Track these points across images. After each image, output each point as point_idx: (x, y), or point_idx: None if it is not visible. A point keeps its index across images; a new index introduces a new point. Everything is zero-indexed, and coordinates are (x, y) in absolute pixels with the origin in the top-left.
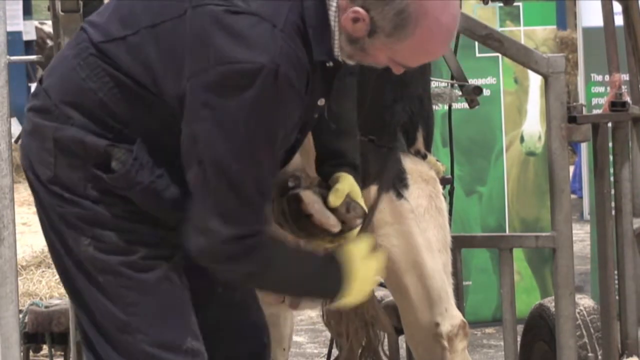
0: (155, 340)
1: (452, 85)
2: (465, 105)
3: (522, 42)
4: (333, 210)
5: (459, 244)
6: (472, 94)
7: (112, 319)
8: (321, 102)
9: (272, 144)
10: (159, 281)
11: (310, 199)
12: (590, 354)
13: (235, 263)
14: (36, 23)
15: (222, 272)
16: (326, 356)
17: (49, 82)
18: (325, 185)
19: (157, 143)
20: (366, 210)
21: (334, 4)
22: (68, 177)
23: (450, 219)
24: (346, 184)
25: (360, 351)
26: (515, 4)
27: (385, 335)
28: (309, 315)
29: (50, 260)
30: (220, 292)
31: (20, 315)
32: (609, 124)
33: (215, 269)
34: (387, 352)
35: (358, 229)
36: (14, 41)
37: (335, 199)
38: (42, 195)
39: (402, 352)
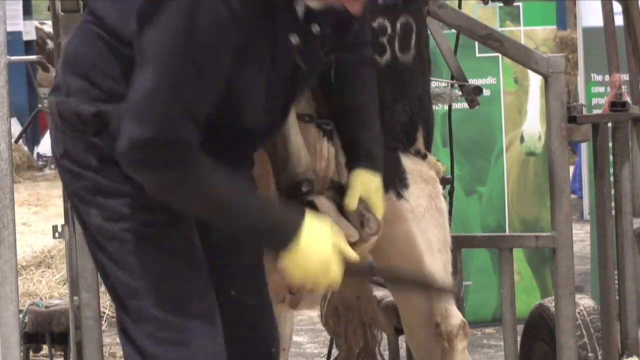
0: (160, 304)
1: (452, 85)
2: (465, 105)
3: (522, 42)
4: (348, 216)
5: (459, 244)
6: (472, 94)
7: (122, 286)
8: (295, 40)
9: (207, 62)
10: (162, 246)
11: (325, 207)
12: (590, 354)
13: (152, 172)
14: (36, 23)
15: (144, 182)
16: (326, 356)
17: (59, 61)
18: (337, 186)
19: None
20: (380, 224)
21: None
22: (74, 150)
23: (450, 219)
24: (358, 184)
25: (357, 352)
26: (515, 4)
27: (385, 336)
28: (309, 315)
29: (50, 260)
30: (233, 295)
31: (20, 315)
32: (609, 124)
33: (134, 176)
34: (386, 353)
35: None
36: (14, 41)
37: (349, 203)
38: (61, 176)
39: (402, 352)
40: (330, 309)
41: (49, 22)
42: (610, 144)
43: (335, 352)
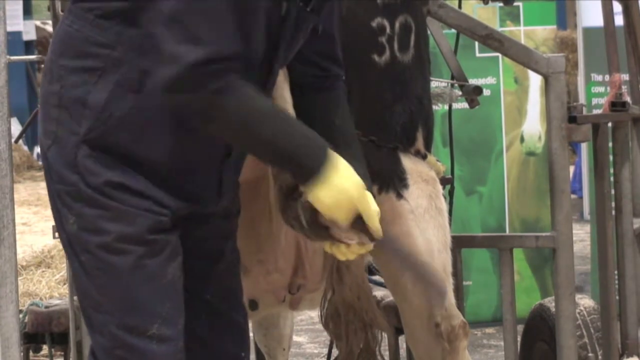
0: (120, 323)
1: (452, 85)
2: (465, 105)
3: (522, 42)
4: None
5: (459, 244)
6: (472, 94)
7: (88, 297)
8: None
9: None
10: (130, 266)
11: None
12: (590, 354)
13: (202, 91)
14: (38, 23)
15: (190, 104)
16: (326, 356)
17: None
18: None
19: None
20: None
21: None
22: (64, 147)
23: (450, 219)
24: None
25: (358, 353)
26: (515, 4)
27: (385, 336)
28: (309, 315)
29: (50, 260)
30: (208, 299)
31: (20, 315)
32: (609, 124)
33: (182, 101)
34: (386, 353)
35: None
36: (14, 41)
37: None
38: (46, 170)
39: (402, 352)
40: (331, 309)
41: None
42: (610, 144)
43: (335, 352)
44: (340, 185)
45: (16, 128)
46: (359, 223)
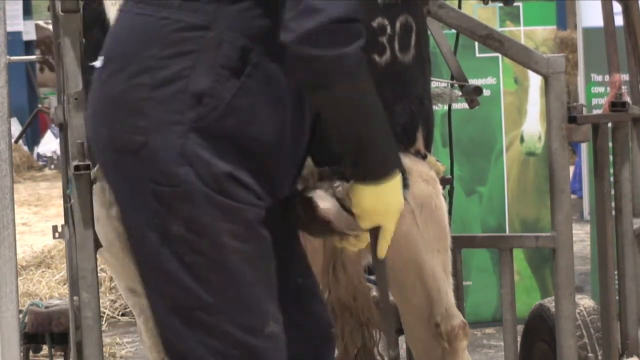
0: (237, 322)
1: (452, 85)
2: (465, 105)
3: (522, 42)
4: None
5: (459, 244)
6: (472, 94)
7: (193, 298)
8: None
9: None
10: (245, 264)
11: (325, 201)
12: (590, 354)
13: (335, 48)
14: (41, 22)
15: (316, 62)
16: None
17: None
18: (327, 176)
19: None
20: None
21: None
22: (165, 138)
23: (450, 219)
24: None
25: (355, 352)
26: (515, 4)
27: (382, 336)
28: None
29: (50, 261)
30: (299, 283)
31: (20, 315)
32: (609, 124)
33: (312, 56)
34: (383, 352)
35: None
36: (14, 41)
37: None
38: (135, 172)
39: (402, 352)
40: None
41: None
42: (610, 144)
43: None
44: (387, 198)
45: (16, 128)
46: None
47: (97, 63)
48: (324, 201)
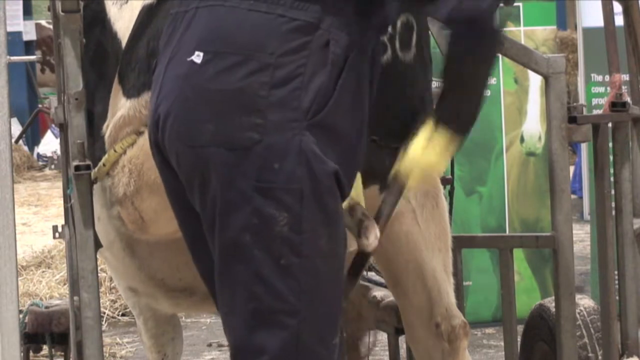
0: (314, 331)
1: None
2: None
3: (522, 42)
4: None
5: (459, 244)
6: None
7: (281, 302)
8: None
9: None
10: (335, 272)
11: None
12: (590, 354)
13: (495, 22)
14: (43, 22)
15: (487, 35)
16: None
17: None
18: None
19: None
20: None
21: None
22: (282, 135)
23: (450, 219)
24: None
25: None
26: (515, 4)
27: (386, 336)
28: None
29: (50, 261)
30: None
31: (20, 316)
32: (609, 124)
33: (486, 30)
34: (386, 353)
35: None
36: (14, 41)
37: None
38: (234, 163)
39: (402, 352)
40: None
41: None
42: (611, 144)
43: None
44: (445, 154)
45: (16, 128)
46: (356, 226)
47: (195, 58)
48: None
